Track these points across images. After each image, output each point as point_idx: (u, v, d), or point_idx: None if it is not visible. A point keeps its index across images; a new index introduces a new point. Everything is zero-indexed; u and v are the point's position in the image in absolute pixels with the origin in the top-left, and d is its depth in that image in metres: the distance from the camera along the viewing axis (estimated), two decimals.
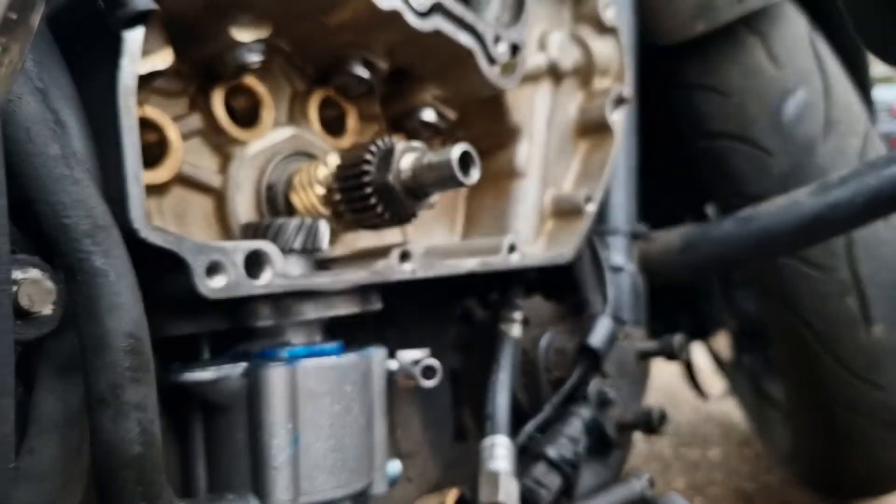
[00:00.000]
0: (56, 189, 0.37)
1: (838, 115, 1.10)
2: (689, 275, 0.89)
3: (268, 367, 0.47)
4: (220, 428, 0.49)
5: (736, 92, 1.11)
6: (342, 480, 0.50)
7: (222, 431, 0.49)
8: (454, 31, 0.60)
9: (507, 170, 0.76)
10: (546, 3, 0.79)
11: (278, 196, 0.57)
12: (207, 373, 0.46)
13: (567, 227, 0.77)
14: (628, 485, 0.68)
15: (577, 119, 0.81)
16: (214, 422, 0.49)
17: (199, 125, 0.56)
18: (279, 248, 0.47)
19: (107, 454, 0.38)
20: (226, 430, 0.48)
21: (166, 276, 0.44)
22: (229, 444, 0.48)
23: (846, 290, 1.05)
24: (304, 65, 0.63)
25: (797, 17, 1.14)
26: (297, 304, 0.49)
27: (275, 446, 0.47)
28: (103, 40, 0.41)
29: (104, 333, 0.37)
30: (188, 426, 0.51)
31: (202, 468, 0.50)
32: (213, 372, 0.46)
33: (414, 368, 0.56)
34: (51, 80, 0.40)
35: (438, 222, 0.77)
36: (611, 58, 0.82)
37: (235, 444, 0.48)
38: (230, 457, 0.48)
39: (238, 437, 0.48)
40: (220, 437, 0.49)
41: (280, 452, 0.47)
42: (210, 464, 0.50)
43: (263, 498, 0.47)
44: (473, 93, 0.66)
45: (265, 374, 0.47)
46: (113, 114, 0.41)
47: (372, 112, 0.70)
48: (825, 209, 0.78)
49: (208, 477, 0.50)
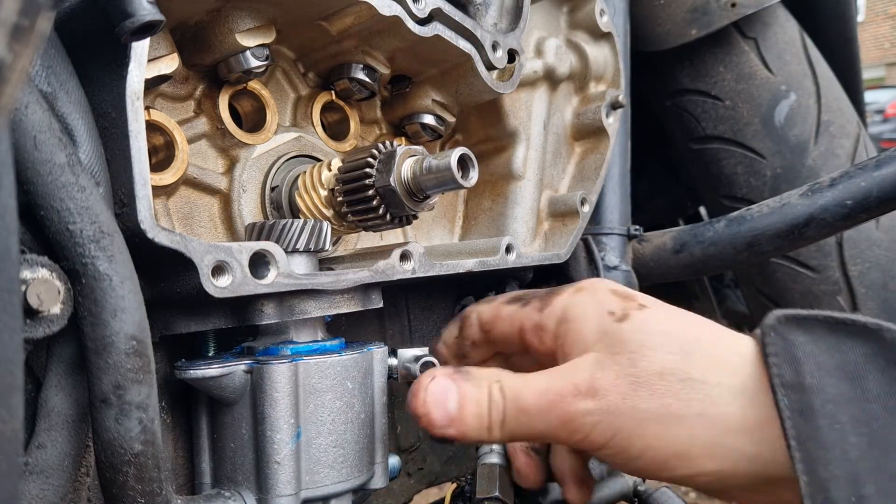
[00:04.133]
0: (62, 196, 0.38)
1: (830, 118, 1.11)
2: (681, 275, 0.90)
3: (271, 364, 0.48)
4: (224, 423, 0.50)
5: (728, 96, 1.12)
6: (343, 475, 0.50)
7: (227, 426, 0.49)
8: (453, 38, 0.61)
9: (505, 172, 0.77)
10: (542, 10, 0.81)
11: (282, 198, 0.58)
12: (212, 369, 0.47)
13: (563, 227, 0.78)
14: (621, 479, 0.69)
15: (572, 123, 0.83)
16: (219, 417, 0.50)
17: (205, 128, 0.57)
18: (283, 249, 0.48)
19: (109, 452, 0.39)
20: (230, 424, 0.49)
21: (173, 276, 0.45)
22: (233, 439, 0.49)
23: (837, 290, 1.07)
24: (307, 70, 0.64)
25: (789, 21, 1.16)
26: (300, 303, 0.50)
27: (277, 441, 0.47)
28: (111, 46, 0.42)
29: (107, 335, 0.38)
30: (194, 421, 0.52)
31: (207, 462, 0.51)
32: (217, 368, 0.47)
33: (414, 365, 0.57)
34: (59, 85, 0.41)
35: (438, 223, 0.78)
36: (606, 63, 0.83)
37: (239, 438, 0.49)
38: (234, 451, 0.49)
39: (242, 431, 0.48)
40: (224, 431, 0.50)
41: (282, 447, 0.48)
42: (215, 458, 0.50)
43: (266, 491, 0.47)
44: (472, 97, 0.68)
45: (268, 371, 0.48)
46: (121, 118, 0.42)
47: (373, 116, 0.71)
48: (816, 210, 0.79)
49: (213, 471, 0.51)
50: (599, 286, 0.53)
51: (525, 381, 0.49)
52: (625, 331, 0.48)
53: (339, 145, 0.65)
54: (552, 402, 0.47)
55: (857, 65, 1.29)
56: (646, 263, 0.90)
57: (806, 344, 0.41)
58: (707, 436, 0.45)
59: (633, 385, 0.46)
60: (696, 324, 0.50)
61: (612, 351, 0.48)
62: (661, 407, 0.45)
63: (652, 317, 0.49)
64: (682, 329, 0.49)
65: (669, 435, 0.45)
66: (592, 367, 0.48)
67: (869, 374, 0.39)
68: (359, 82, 0.62)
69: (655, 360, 0.46)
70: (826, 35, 1.21)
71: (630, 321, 0.49)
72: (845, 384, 0.39)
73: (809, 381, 0.40)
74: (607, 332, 0.49)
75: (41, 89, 0.40)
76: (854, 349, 0.40)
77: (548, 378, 0.48)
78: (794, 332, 0.42)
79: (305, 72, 0.64)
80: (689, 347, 0.47)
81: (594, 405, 0.46)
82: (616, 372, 0.47)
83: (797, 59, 1.12)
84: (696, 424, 0.44)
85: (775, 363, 0.41)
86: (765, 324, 0.43)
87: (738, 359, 0.46)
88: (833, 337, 0.41)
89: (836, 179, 0.80)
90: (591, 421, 0.46)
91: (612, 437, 0.46)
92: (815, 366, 0.40)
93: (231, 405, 0.49)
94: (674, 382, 0.46)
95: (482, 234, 0.77)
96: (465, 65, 0.64)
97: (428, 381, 0.48)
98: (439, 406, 0.47)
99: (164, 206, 0.53)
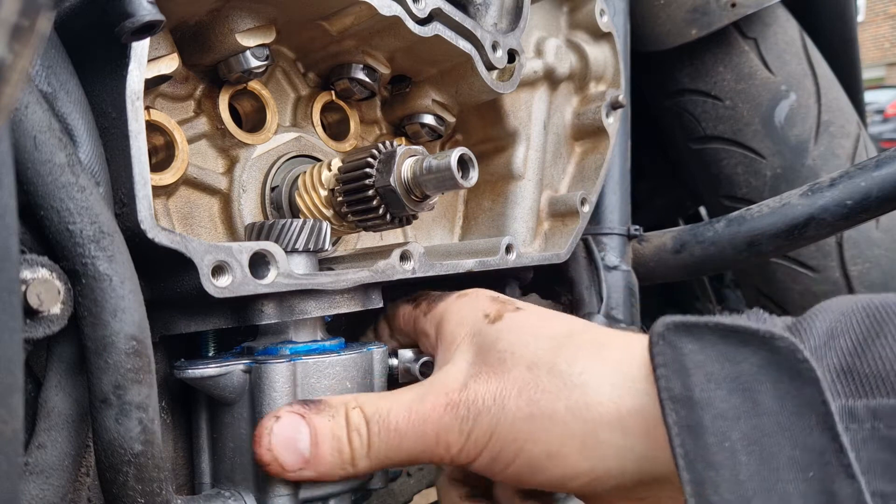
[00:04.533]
0: (62, 196, 0.38)
1: (830, 118, 1.11)
2: (681, 275, 0.90)
3: (269, 364, 0.48)
4: (223, 422, 0.49)
5: (728, 96, 1.13)
6: None
7: (226, 426, 0.49)
8: (453, 38, 0.61)
9: (505, 172, 0.77)
10: (542, 9, 0.81)
11: (282, 198, 0.58)
12: (210, 369, 0.47)
13: (563, 227, 0.78)
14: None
15: (572, 123, 0.83)
16: (218, 417, 0.50)
17: (205, 128, 0.57)
18: (283, 249, 0.48)
19: (109, 452, 0.39)
20: (229, 424, 0.49)
21: (173, 276, 0.45)
22: (233, 439, 0.49)
23: (837, 290, 1.07)
24: (307, 70, 0.64)
25: (789, 21, 1.16)
26: (300, 303, 0.50)
27: None
28: (111, 46, 0.42)
29: (107, 335, 0.38)
30: (194, 421, 0.52)
31: (207, 462, 0.51)
32: (216, 368, 0.47)
33: (414, 365, 0.57)
34: (59, 85, 0.41)
35: (438, 224, 0.78)
36: (606, 63, 0.83)
37: (238, 438, 0.49)
38: (233, 451, 0.49)
39: (241, 431, 0.48)
40: (223, 431, 0.49)
41: None
42: (214, 457, 0.50)
43: (265, 491, 0.47)
44: (472, 97, 0.68)
45: (266, 371, 0.47)
46: (121, 118, 0.42)
47: (373, 116, 0.71)
48: (816, 210, 0.79)
49: (212, 470, 0.51)
50: (480, 293, 0.53)
51: (392, 400, 0.46)
52: (496, 330, 0.47)
53: (339, 145, 0.65)
54: (425, 416, 0.44)
55: (857, 65, 1.29)
56: (646, 263, 0.90)
57: (696, 353, 0.38)
58: (579, 431, 0.42)
59: (502, 383, 0.44)
60: (574, 322, 0.48)
61: (483, 351, 0.46)
62: (530, 403, 0.43)
63: (525, 317, 0.48)
64: (555, 325, 0.47)
65: (540, 433, 0.42)
66: (464, 374, 0.46)
67: (761, 385, 0.36)
68: (359, 82, 0.62)
69: (525, 356, 0.44)
70: (826, 35, 1.21)
71: (503, 321, 0.48)
72: (737, 397, 0.36)
73: (699, 395, 0.36)
74: (479, 333, 0.48)
75: (41, 89, 0.40)
76: (747, 359, 0.36)
77: (417, 392, 0.46)
78: (684, 340, 0.38)
79: (305, 72, 0.64)
80: (561, 341, 0.45)
81: (465, 412, 0.44)
82: (487, 373, 0.45)
83: (797, 59, 1.12)
84: (566, 419, 0.42)
85: (663, 374, 0.38)
86: (653, 331, 0.40)
87: (620, 352, 0.43)
88: (725, 345, 0.37)
89: (836, 179, 0.80)
90: (465, 430, 0.44)
91: (486, 444, 0.44)
92: (704, 377, 0.37)
93: (230, 405, 0.49)
94: (541, 375, 0.43)
95: (482, 234, 0.77)
96: (465, 65, 0.64)
97: (272, 423, 0.44)
98: (288, 449, 0.44)
99: (164, 206, 0.53)
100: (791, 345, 0.36)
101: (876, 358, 0.35)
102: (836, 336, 0.38)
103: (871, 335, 0.37)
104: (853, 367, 0.36)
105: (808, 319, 0.40)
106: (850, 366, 0.36)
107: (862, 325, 0.37)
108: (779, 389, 0.35)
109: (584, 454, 0.42)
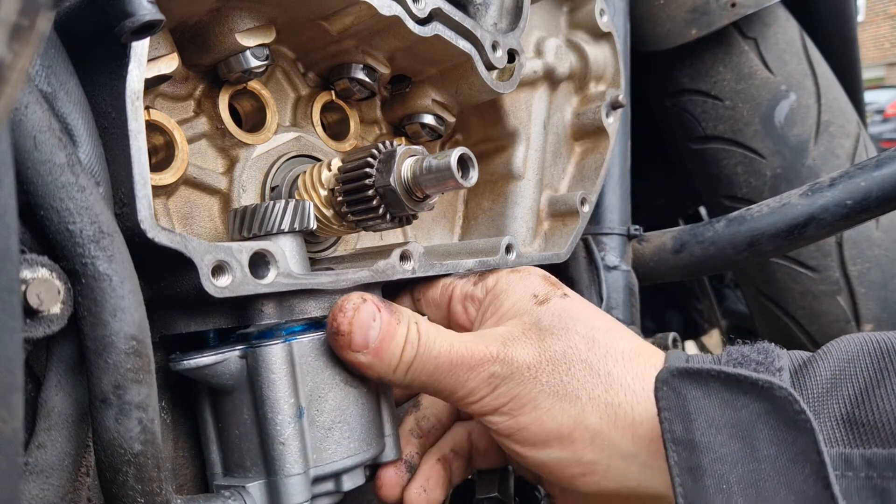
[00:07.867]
0: (62, 196, 0.38)
1: (830, 118, 1.12)
2: (681, 275, 0.90)
3: (264, 346, 0.47)
4: (226, 411, 0.49)
5: (728, 96, 1.13)
6: (352, 449, 0.50)
7: (229, 414, 0.49)
8: (453, 38, 0.61)
9: (505, 172, 0.77)
10: (542, 9, 0.81)
11: (282, 197, 0.58)
12: (206, 357, 0.46)
13: (562, 227, 0.78)
14: None
15: (572, 123, 0.83)
16: (221, 406, 0.50)
17: (205, 128, 0.57)
18: (269, 231, 0.48)
19: (109, 452, 0.39)
20: (232, 412, 0.49)
21: (173, 276, 0.45)
22: (237, 426, 0.49)
23: (837, 290, 1.07)
24: (306, 70, 0.64)
25: (789, 21, 1.16)
26: (300, 303, 0.50)
27: (279, 422, 0.47)
28: (110, 46, 0.42)
29: (107, 335, 0.38)
30: (198, 414, 0.52)
31: (216, 453, 0.51)
32: (211, 356, 0.47)
33: None
34: (59, 84, 0.41)
35: (438, 223, 0.78)
36: (606, 63, 0.83)
37: (243, 424, 0.48)
38: (239, 437, 0.49)
39: (244, 417, 0.48)
40: (227, 419, 0.49)
41: (285, 427, 0.47)
42: (222, 447, 0.50)
43: (275, 473, 0.47)
44: (472, 97, 0.68)
45: (262, 353, 0.47)
46: (121, 118, 0.42)
47: (373, 116, 0.71)
48: (816, 210, 0.79)
49: (223, 460, 0.50)
50: (533, 271, 0.57)
51: (440, 331, 0.50)
52: (542, 312, 0.51)
53: (339, 145, 0.65)
54: (462, 357, 0.48)
55: (857, 65, 1.29)
56: (646, 263, 0.91)
57: (699, 399, 0.41)
58: (594, 422, 0.46)
59: (540, 357, 0.48)
60: (610, 321, 0.52)
61: (526, 328, 0.50)
62: (560, 384, 0.47)
63: (569, 304, 0.52)
64: (594, 320, 0.51)
65: (558, 411, 0.46)
66: (505, 337, 0.50)
67: (759, 432, 0.38)
68: (359, 82, 0.62)
69: (563, 341, 0.49)
70: (826, 35, 1.21)
71: (549, 305, 0.52)
72: (736, 443, 0.39)
73: (700, 439, 0.40)
74: (526, 311, 0.52)
75: (41, 89, 0.40)
76: (747, 406, 0.39)
77: (463, 337, 0.50)
78: (688, 386, 0.41)
79: (305, 72, 0.64)
80: (596, 335, 0.49)
81: (500, 369, 0.48)
82: (526, 345, 0.49)
83: (797, 59, 1.12)
84: (586, 408, 0.46)
85: (667, 418, 0.41)
86: (658, 377, 0.43)
87: (645, 363, 0.48)
88: (727, 392, 0.40)
89: (836, 179, 0.80)
90: (493, 383, 0.48)
91: (507, 402, 0.48)
92: (706, 422, 0.40)
93: (231, 392, 0.49)
94: (574, 362, 0.48)
95: (482, 234, 0.77)
96: (464, 65, 0.64)
97: (360, 301, 0.48)
98: (362, 330, 0.47)
99: (164, 206, 0.53)
100: (789, 395, 0.38)
101: (875, 408, 0.38)
102: (839, 383, 0.40)
103: (874, 383, 0.39)
104: (853, 417, 0.38)
105: (816, 362, 0.42)
106: (850, 415, 0.39)
107: (866, 372, 0.40)
108: (776, 437, 0.38)
109: (592, 445, 0.46)
